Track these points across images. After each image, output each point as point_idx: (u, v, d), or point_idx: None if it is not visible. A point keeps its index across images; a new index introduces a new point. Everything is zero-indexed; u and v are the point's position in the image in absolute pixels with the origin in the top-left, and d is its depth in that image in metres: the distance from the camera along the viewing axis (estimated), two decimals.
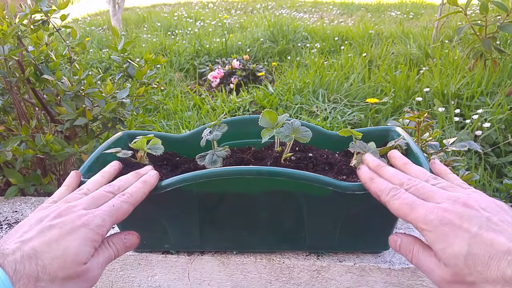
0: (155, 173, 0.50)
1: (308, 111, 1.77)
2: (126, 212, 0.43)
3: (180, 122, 1.78)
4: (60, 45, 2.39)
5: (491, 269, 0.32)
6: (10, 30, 0.77)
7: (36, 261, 0.35)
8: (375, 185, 0.45)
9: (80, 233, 0.38)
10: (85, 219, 0.39)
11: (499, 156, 1.27)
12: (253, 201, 0.54)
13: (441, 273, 0.35)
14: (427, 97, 1.67)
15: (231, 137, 0.70)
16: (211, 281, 0.63)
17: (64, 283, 0.36)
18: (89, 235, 0.38)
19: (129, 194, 0.44)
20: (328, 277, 0.60)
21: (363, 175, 0.48)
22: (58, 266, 0.35)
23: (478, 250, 0.33)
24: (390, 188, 0.42)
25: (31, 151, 0.81)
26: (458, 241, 0.34)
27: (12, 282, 0.32)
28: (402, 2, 5.97)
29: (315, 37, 3.39)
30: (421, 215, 0.37)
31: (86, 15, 6.40)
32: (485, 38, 1.79)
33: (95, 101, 0.93)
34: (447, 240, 0.35)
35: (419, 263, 0.39)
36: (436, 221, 0.36)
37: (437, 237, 0.36)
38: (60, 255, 0.36)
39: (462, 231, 0.34)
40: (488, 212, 0.36)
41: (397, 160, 0.50)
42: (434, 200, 0.39)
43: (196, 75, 2.87)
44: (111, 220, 0.41)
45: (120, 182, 0.47)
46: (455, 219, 0.35)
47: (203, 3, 6.89)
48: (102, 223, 0.40)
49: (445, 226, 0.35)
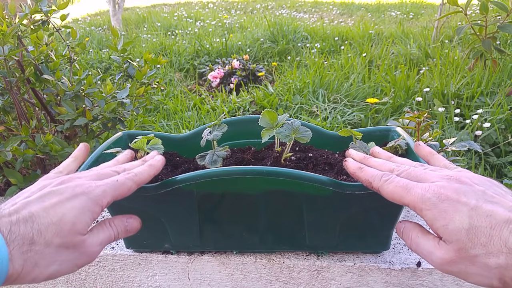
0: (161, 157, 0.50)
1: (308, 111, 1.77)
2: (129, 189, 0.42)
3: (180, 122, 1.78)
4: (60, 45, 2.39)
5: (494, 239, 0.32)
6: (10, 30, 0.77)
7: (32, 224, 0.34)
8: (364, 173, 0.44)
9: (79, 201, 0.37)
10: (86, 187, 0.39)
11: (499, 156, 1.27)
12: (253, 201, 0.54)
13: (441, 253, 0.35)
14: (427, 97, 1.67)
15: (231, 137, 0.70)
16: (211, 281, 0.63)
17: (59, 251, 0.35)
18: (88, 203, 0.38)
19: (134, 173, 0.44)
20: (328, 277, 0.60)
21: (351, 165, 0.47)
22: (53, 232, 0.35)
23: (479, 222, 0.33)
24: (381, 174, 0.42)
25: (31, 151, 0.81)
26: (458, 215, 0.34)
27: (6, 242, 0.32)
28: (402, 2, 5.97)
29: (315, 37, 3.38)
30: (418, 195, 0.37)
31: (86, 15, 6.40)
32: (485, 38, 1.79)
33: (95, 101, 0.93)
34: (447, 215, 0.35)
35: (418, 248, 0.38)
36: (434, 199, 0.36)
37: (437, 214, 0.35)
38: (57, 221, 0.35)
39: (461, 205, 0.35)
40: (481, 186, 0.37)
41: (381, 155, 0.50)
42: (428, 180, 0.39)
43: (196, 75, 2.87)
44: (112, 193, 0.40)
45: (126, 165, 0.47)
46: (452, 194, 0.36)
47: (203, 3, 6.89)
48: (103, 193, 0.39)
49: (444, 202, 0.35)
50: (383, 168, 0.44)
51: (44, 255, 0.34)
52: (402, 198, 0.39)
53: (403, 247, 0.62)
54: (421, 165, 0.44)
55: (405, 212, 0.74)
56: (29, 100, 0.95)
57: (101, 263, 0.65)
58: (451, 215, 0.35)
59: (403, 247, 0.62)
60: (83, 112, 0.88)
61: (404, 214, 0.73)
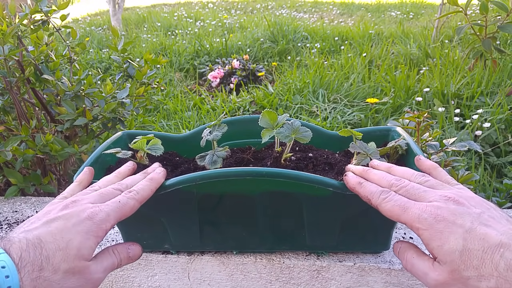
0: (162, 170, 0.51)
1: (308, 111, 1.77)
2: (132, 208, 0.43)
3: (180, 122, 1.78)
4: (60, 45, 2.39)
5: (485, 263, 0.33)
6: (10, 30, 0.77)
7: (41, 250, 0.35)
8: (363, 189, 0.45)
9: (84, 226, 0.38)
10: (90, 212, 0.39)
11: (499, 156, 1.27)
12: (253, 202, 0.54)
13: (435, 275, 0.36)
14: (427, 97, 1.67)
15: (231, 137, 0.70)
16: (211, 281, 0.63)
17: (65, 277, 0.36)
18: (93, 228, 0.38)
19: (135, 191, 0.45)
20: (328, 277, 0.60)
21: (351, 180, 0.47)
22: (60, 258, 0.35)
23: (473, 245, 0.34)
24: (380, 191, 0.42)
25: (31, 151, 0.81)
26: (453, 237, 0.35)
27: (17, 269, 0.32)
28: (402, 2, 5.97)
29: (315, 37, 3.38)
30: (415, 215, 0.38)
31: (86, 15, 6.40)
32: (485, 38, 1.79)
33: (95, 101, 0.93)
34: (442, 236, 0.35)
35: (413, 268, 0.39)
36: (430, 219, 0.36)
37: (433, 235, 0.36)
38: (64, 247, 0.36)
39: (457, 227, 0.35)
40: (478, 209, 0.37)
41: (380, 167, 0.50)
42: (426, 199, 0.39)
43: (196, 75, 2.87)
44: (116, 215, 0.41)
45: (128, 180, 0.48)
46: (448, 215, 0.36)
47: (203, 3, 6.89)
48: (107, 217, 0.40)
49: (440, 223, 0.36)
50: (382, 182, 0.44)
51: (51, 282, 0.35)
52: (399, 217, 0.39)
53: None
54: (422, 175, 0.44)
55: None
56: (29, 100, 0.95)
57: None
58: (447, 236, 0.35)
59: None
60: (83, 112, 0.88)
61: None
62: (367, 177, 0.47)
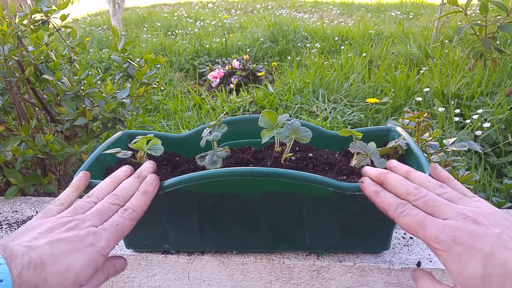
0: (154, 179, 0.50)
1: (308, 111, 1.77)
2: (129, 228, 0.44)
3: (180, 122, 1.78)
4: (60, 45, 2.38)
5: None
6: (10, 30, 0.77)
7: (40, 271, 0.35)
8: (381, 199, 0.44)
9: (87, 253, 0.38)
10: (92, 239, 0.40)
11: (499, 156, 1.27)
12: (253, 202, 0.54)
13: None
14: (427, 97, 1.67)
15: (231, 137, 0.70)
16: (211, 281, 0.63)
17: None
18: (94, 255, 0.39)
19: (131, 209, 0.45)
20: (328, 277, 0.60)
21: (367, 188, 0.46)
22: (57, 282, 0.36)
23: (493, 270, 0.34)
24: (397, 203, 0.42)
25: (31, 151, 0.81)
26: (473, 262, 0.34)
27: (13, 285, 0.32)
28: (402, 2, 5.97)
29: (315, 37, 3.38)
30: (433, 234, 0.37)
31: (86, 15, 6.40)
32: (485, 38, 1.79)
33: (95, 101, 0.93)
34: (462, 261, 0.35)
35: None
36: (448, 241, 0.36)
37: (451, 258, 0.36)
38: (63, 271, 0.36)
39: (475, 251, 0.35)
40: (497, 228, 0.36)
41: (398, 170, 0.48)
42: (443, 215, 0.39)
43: (196, 75, 2.87)
44: (115, 240, 0.42)
45: (123, 191, 0.47)
46: (467, 238, 0.36)
47: (203, 3, 6.89)
48: (107, 244, 0.41)
49: (458, 245, 0.36)
50: (400, 189, 0.43)
51: None
52: (416, 233, 0.39)
53: (403, 247, 0.62)
54: (440, 185, 0.43)
55: None
56: (29, 100, 0.95)
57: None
58: (466, 261, 0.35)
59: (403, 247, 0.62)
60: (83, 112, 0.88)
61: None
62: (385, 181, 0.46)
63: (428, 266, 0.58)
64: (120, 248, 0.65)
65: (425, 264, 0.58)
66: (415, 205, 0.41)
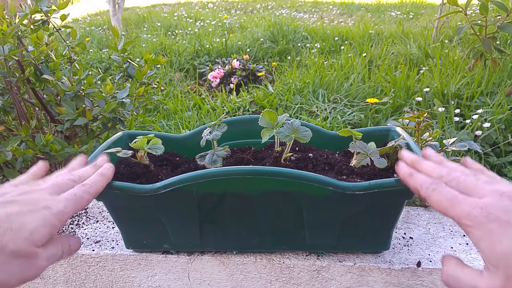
0: (110, 166, 0.51)
1: (308, 111, 1.77)
2: (87, 201, 0.44)
3: (180, 122, 1.78)
4: (60, 45, 2.39)
5: None
6: (10, 30, 0.77)
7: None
8: (414, 180, 0.43)
9: (42, 214, 0.38)
10: (48, 202, 0.39)
11: (499, 156, 1.27)
12: (253, 201, 0.54)
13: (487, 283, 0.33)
14: (427, 97, 1.67)
15: (231, 137, 0.70)
16: (211, 281, 0.63)
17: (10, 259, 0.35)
18: (50, 218, 0.38)
19: (89, 185, 0.45)
20: (328, 277, 0.60)
21: (401, 170, 0.46)
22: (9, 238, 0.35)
23: None
24: (429, 182, 0.40)
25: (31, 151, 0.81)
26: (507, 238, 0.32)
27: None
28: (402, 2, 5.97)
29: (315, 37, 3.38)
30: (465, 210, 0.35)
31: (86, 15, 6.40)
32: (485, 38, 1.79)
33: (95, 101, 0.93)
34: (494, 237, 0.33)
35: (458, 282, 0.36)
36: (481, 217, 0.34)
37: (484, 235, 0.33)
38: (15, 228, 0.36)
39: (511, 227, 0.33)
40: None
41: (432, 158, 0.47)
42: (477, 193, 0.37)
43: (196, 75, 2.87)
44: (72, 208, 0.41)
45: (80, 172, 0.48)
46: (502, 214, 0.33)
47: (203, 3, 6.89)
48: (64, 209, 0.40)
49: (492, 222, 0.33)
50: (433, 173, 0.42)
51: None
52: (446, 211, 0.37)
53: (403, 247, 0.62)
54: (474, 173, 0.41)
55: (404, 213, 0.74)
56: (29, 100, 0.95)
57: (101, 263, 0.65)
58: (499, 236, 0.33)
59: (403, 247, 0.62)
60: (83, 112, 0.88)
61: (404, 215, 0.73)
62: (419, 167, 0.45)
63: (428, 266, 0.58)
64: (120, 248, 0.65)
65: (425, 264, 0.58)
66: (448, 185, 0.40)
